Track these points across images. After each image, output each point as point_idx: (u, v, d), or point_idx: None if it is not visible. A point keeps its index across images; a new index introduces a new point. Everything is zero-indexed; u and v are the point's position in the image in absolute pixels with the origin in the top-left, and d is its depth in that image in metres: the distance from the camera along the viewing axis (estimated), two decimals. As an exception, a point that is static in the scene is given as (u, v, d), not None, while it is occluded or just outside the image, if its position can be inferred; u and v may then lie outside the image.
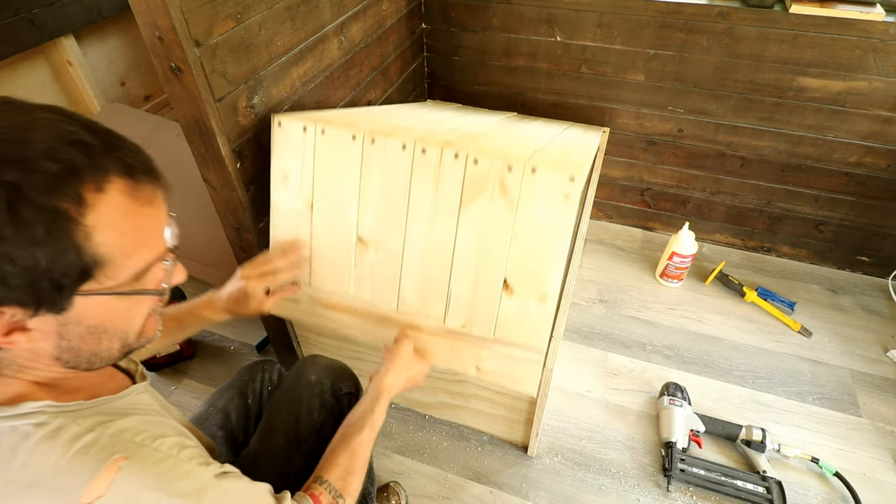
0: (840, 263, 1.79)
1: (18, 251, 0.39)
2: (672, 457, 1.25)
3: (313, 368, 0.93)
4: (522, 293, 0.94)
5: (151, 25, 0.82)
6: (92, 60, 1.94)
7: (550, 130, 1.33)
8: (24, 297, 0.41)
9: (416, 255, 0.99)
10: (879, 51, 1.35)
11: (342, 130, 0.98)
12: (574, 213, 0.87)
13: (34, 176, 0.39)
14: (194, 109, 0.91)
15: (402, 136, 0.95)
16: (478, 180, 0.91)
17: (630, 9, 1.49)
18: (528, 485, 1.25)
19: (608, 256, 1.86)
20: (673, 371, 1.50)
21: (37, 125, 0.41)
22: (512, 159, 0.88)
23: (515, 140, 1.05)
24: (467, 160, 0.90)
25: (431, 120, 1.22)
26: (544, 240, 0.90)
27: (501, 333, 0.97)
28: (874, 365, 1.51)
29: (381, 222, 1.00)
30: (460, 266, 0.97)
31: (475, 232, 0.94)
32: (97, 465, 0.44)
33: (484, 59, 1.74)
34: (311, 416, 0.88)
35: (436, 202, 0.95)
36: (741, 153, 1.66)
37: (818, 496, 1.23)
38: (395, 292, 1.03)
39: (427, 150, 0.91)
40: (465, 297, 0.98)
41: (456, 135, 1.03)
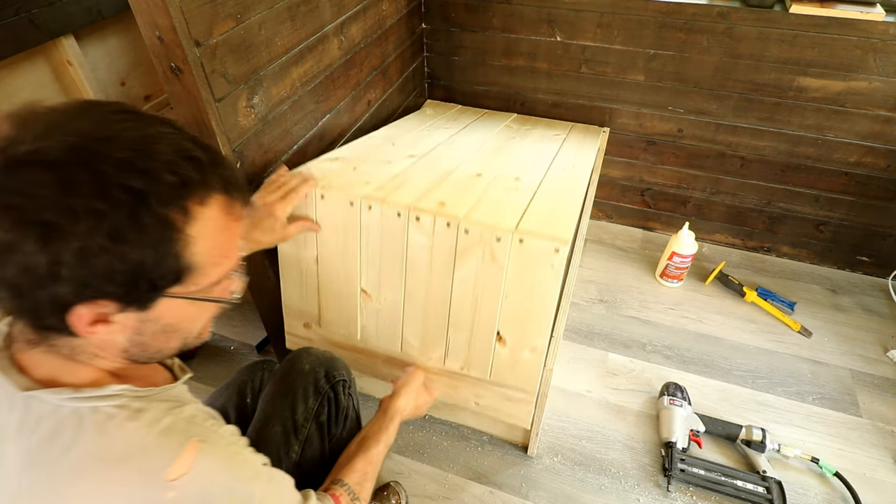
0: (840, 263, 1.79)
1: (132, 252, 0.43)
2: (672, 457, 1.25)
3: (306, 359, 0.93)
4: (514, 344, 1.03)
5: (151, 25, 0.82)
6: (92, 60, 1.94)
7: (545, 158, 1.32)
8: (121, 292, 0.45)
9: (415, 306, 1.07)
10: (879, 51, 1.35)
11: (340, 195, 1.02)
12: (560, 278, 0.93)
13: (157, 186, 0.43)
14: (194, 109, 0.91)
15: (398, 197, 1.00)
16: (469, 247, 0.96)
17: (630, 9, 1.49)
18: (528, 485, 1.25)
19: (608, 256, 1.86)
20: (673, 371, 1.50)
21: (160, 139, 0.44)
22: (500, 230, 0.93)
23: (507, 190, 1.08)
24: (458, 229, 0.95)
25: (428, 154, 1.25)
26: (532, 300, 0.96)
27: (497, 377, 1.07)
28: (874, 365, 1.51)
29: (381, 277, 1.07)
30: (457, 317, 1.04)
31: (469, 289, 1.00)
32: (178, 445, 0.48)
33: (484, 59, 1.74)
34: (306, 403, 0.89)
35: (431, 261, 1.00)
36: (741, 153, 1.66)
37: (818, 496, 1.23)
38: (398, 338, 1.12)
39: (421, 217, 0.96)
40: (462, 345, 1.07)
41: (450, 187, 1.07)
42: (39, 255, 0.40)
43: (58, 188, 0.40)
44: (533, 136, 1.53)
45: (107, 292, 0.44)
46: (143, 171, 0.42)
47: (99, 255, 0.41)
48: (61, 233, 0.40)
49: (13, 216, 0.40)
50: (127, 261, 0.43)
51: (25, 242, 0.40)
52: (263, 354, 1.57)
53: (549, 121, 1.75)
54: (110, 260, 0.42)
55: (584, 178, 1.22)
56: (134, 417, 0.49)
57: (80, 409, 0.47)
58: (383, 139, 1.35)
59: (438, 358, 1.11)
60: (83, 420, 0.47)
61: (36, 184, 0.40)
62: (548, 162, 1.29)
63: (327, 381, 0.92)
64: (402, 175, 1.11)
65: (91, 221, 0.40)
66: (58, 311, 0.44)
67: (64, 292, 0.42)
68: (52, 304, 0.43)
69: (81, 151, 0.41)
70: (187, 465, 0.48)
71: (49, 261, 0.40)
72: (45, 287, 0.42)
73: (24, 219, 0.40)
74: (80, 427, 0.47)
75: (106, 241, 0.41)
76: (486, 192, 1.05)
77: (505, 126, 1.62)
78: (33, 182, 0.40)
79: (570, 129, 1.66)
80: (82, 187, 0.40)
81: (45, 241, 0.40)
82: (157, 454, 0.48)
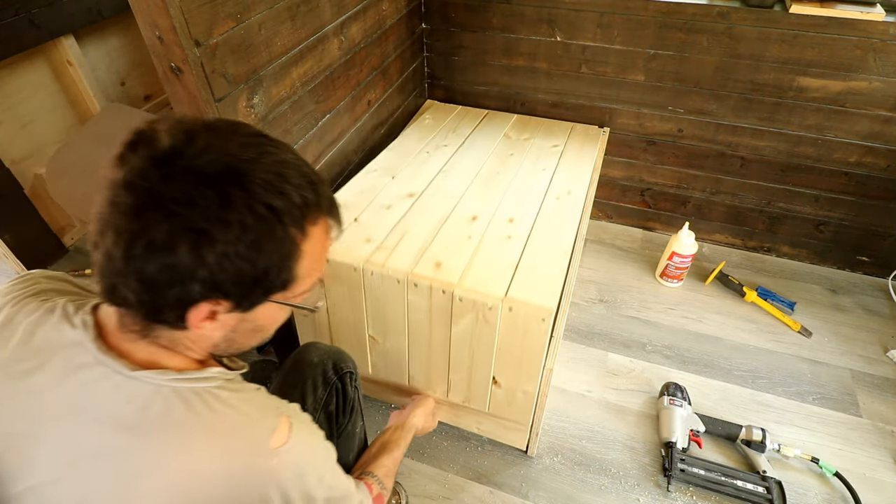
0: (840, 263, 1.79)
1: (262, 261, 0.48)
2: (672, 457, 1.25)
3: (315, 352, 0.97)
4: (508, 387, 1.14)
5: (151, 25, 0.82)
6: (92, 60, 1.94)
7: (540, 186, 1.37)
8: (240, 295, 0.50)
9: (418, 351, 1.18)
10: (879, 51, 1.35)
11: (344, 258, 1.10)
12: (547, 335, 1.01)
13: (290, 206, 0.49)
14: (194, 109, 0.91)
15: (397, 261, 1.09)
16: (463, 311, 1.05)
17: (630, 9, 1.49)
18: (528, 485, 1.25)
19: (608, 256, 1.86)
20: (673, 371, 1.50)
21: (290, 164, 0.50)
22: (490, 299, 1.01)
23: (499, 241, 1.16)
24: (453, 297, 1.04)
25: (427, 190, 1.34)
26: (522, 353, 1.06)
27: (494, 410, 1.21)
28: (874, 365, 1.51)
29: (387, 326, 1.17)
30: (456, 362, 1.15)
31: (466, 341, 1.10)
32: (274, 419, 0.55)
33: (484, 59, 1.74)
34: (316, 392, 0.92)
35: (431, 318, 1.10)
36: (741, 153, 1.66)
37: (818, 496, 1.23)
38: (405, 374, 1.25)
39: (418, 284, 1.04)
40: (462, 384, 1.19)
41: (447, 238, 1.17)
42: (187, 257, 0.45)
43: (217, 202, 0.45)
44: (531, 152, 1.54)
45: (228, 293, 0.49)
46: (281, 192, 0.48)
47: (236, 261, 0.47)
48: (211, 239, 0.45)
49: (173, 221, 0.44)
50: (256, 268, 0.48)
51: (179, 245, 0.44)
52: (263, 354, 1.57)
53: (549, 122, 1.74)
54: (244, 266, 0.48)
55: (577, 208, 1.29)
56: (237, 392, 0.55)
57: (184, 388, 0.52)
58: (384, 169, 1.42)
59: (442, 392, 1.24)
60: (189, 398, 0.52)
61: (197, 196, 0.45)
62: (543, 190, 1.35)
63: (335, 373, 0.95)
64: (402, 225, 1.20)
65: (238, 232, 0.46)
66: (180, 306, 0.48)
67: (194, 290, 0.47)
68: (178, 300, 0.48)
69: (234, 171, 0.46)
70: (285, 436, 0.54)
71: (193, 262, 0.45)
72: (180, 284, 0.46)
73: (183, 224, 0.44)
74: (188, 404, 0.51)
75: (246, 249, 0.47)
76: (479, 247, 1.14)
77: (504, 136, 1.63)
78: (194, 194, 0.45)
79: (570, 134, 1.66)
80: (236, 202, 0.46)
81: (196, 246, 0.45)
82: (261, 425, 0.54)
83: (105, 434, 0.50)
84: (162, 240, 0.44)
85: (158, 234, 0.44)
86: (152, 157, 0.45)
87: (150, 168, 0.45)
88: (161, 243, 0.44)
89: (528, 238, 1.17)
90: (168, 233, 0.44)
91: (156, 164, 0.45)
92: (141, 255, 0.45)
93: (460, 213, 1.25)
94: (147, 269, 0.45)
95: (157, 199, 0.44)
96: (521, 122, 1.74)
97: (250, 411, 0.54)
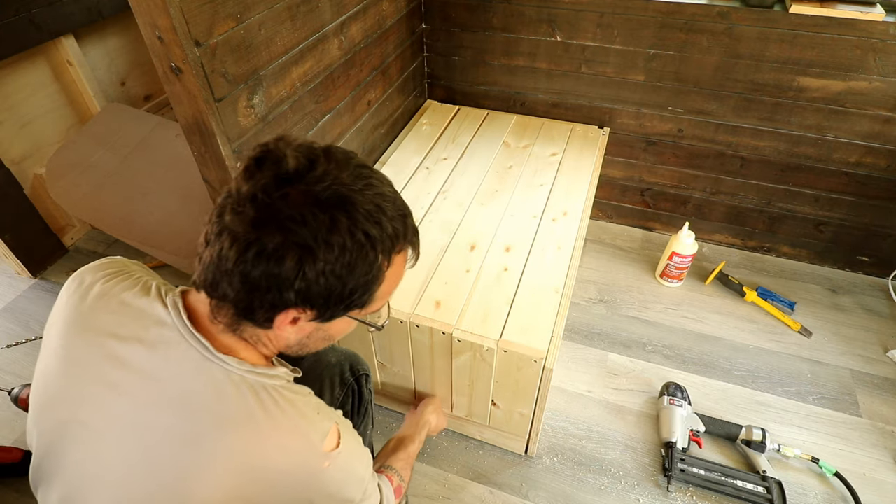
0: (840, 263, 1.79)
1: (351, 281, 0.54)
2: (672, 457, 1.25)
3: (332, 353, 1.00)
4: (506, 409, 1.21)
5: (151, 25, 0.82)
6: (92, 60, 1.94)
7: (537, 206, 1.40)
8: (324, 307, 0.55)
9: (423, 376, 1.25)
10: (879, 51, 1.35)
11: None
12: (539, 374, 1.06)
13: (383, 235, 0.54)
14: (194, 109, 0.91)
15: (399, 301, 1.14)
16: (462, 350, 1.11)
17: (630, 9, 1.49)
18: (528, 485, 1.25)
19: (608, 256, 1.86)
20: (673, 371, 1.50)
21: (388, 198, 0.55)
22: (486, 342, 1.07)
23: (496, 277, 1.21)
24: (452, 338, 1.09)
25: (428, 215, 1.38)
26: (518, 385, 1.12)
27: (494, 424, 1.28)
28: (874, 365, 1.51)
29: (393, 355, 1.25)
30: (458, 387, 1.22)
31: (466, 372, 1.16)
32: (327, 423, 0.60)
33: (484, 59, 1.74)
34: (332, 393, 0.95)
35: (433, 353, 1.16)
36: (741, 153, 1.66)
37: (818, 496, 1.23)
38: (411, 392, 1.33)
39: (420, 325, 1.11)
40: (464, 403, 1.26)
41: (446, 273, 1.22)
42: (291, 269, 0.50)
43: (327, 225, 0.50)
44: (529, 163, 1.56)
45: (315, 305, 0.54)
46: (378, 222, 0.53)
47: (330, 278, 0.52)
48: (315, 257, 0.50)
49: (286, 235, 0.49)
50: (345, 287, 0.54)
51: (287, 257, 0.50)
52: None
53: (549, 124, 1.75)
54: (335, 284, 0.53)
55: (573, 232, 1.32)
56: (298, 394, 0.60)
57: (257, 381, 0.57)
58: None
59: (446, 407, 1.31)
60: (259, 392, 0.56)
61: (310, 217, 0.50)
62: (539, 212, 1.39)
63: (352, 374, 0.98)
64: None
65: (338, 253, 0.51)
66: (272, 309, 0.53)
67: (288, 298, 0.52)
68: (271, 303, 0.53)
69: (344, 199, 0.51)
70: (335, 441, 0.60)
71: (294, 274, 0.50)
72: (277, 291, 0.51)
73: (294, 240, 0.50)
74: (258, 396, 0.56)
75: (341, 269, 0.52)
76: (476, 282, 1.20)
77: (503, 144, 1.64)
78: (308, 215, 0.50)
79: (569, 138, 1.67)
80: (341, 228, 0.51)
81: (300, 260, 0.50)
82: (316, 428, 0.59)
83: (177, 413, 0.54)
84: (273, 250, 0.49)
85: (271, 245, 0.49)
86: (276, 177, 0.51)
87: (274, 186, 0.50)
88: (271, 253, 0.50)
89: (524, 270, 1.23)
90: (280, 245, 0.49)
91: (279, 184, 0.50)
92: (251, 260, 0.50)
93: (459, 242, 1.30)
94: (253, 273, 0.50)
95: (275, 215, 0.50)
96: (520, 125, 1.74)
97: (309, 413, 0.59)
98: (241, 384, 0.56)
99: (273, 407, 0.56)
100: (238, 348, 0.59)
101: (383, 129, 1.63)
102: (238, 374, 0.56)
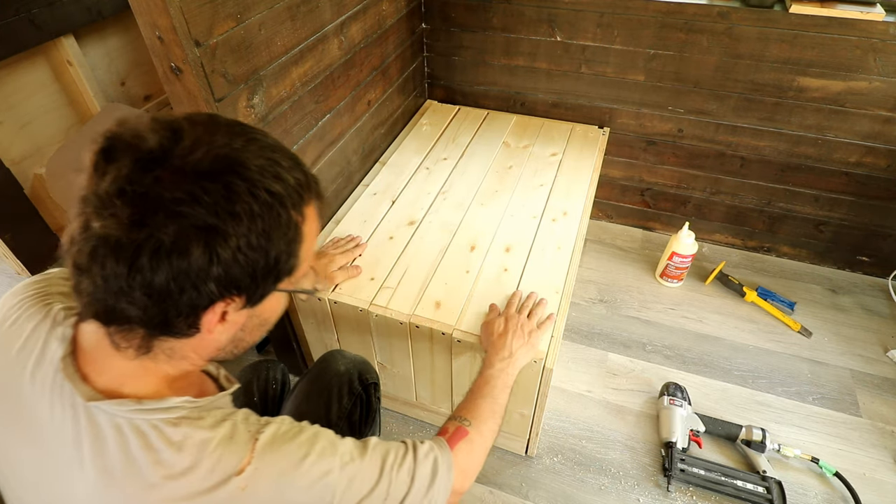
0: (840, 263, 1.79)
1: (273, 249, 0.47)
2: (672, 457, 1.25)
3: (341, 360, 0.97)
4: (507, 409, 1.18)
5: (151, 25, 0.81)
6: (92, 60, 1.94)
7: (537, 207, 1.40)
8: (253, 288, 0.48)
9: (423, 376, 1.25)
10: (879, 51, 1.35)
11: (350, 300, 1.15)
12: (539, 374, 1.05)
13: (288, 189, 0.47)
14: (194, 109, 0.91)
15: (399, 303, 1.14)
16: (462, 350, 1.11)
17: (630, 9, 1.49)
18: (528, 485, 1.25)
19: (608, 256, 1.86)
20: (673, 371, 1.50)
21: (276, 149, 0.49)
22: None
23: (496, 277, 1.21)
24: (452, 339, 1.09)
25: (428, 216, 1.38)
26: (518, 386, 1.07)
27: None
28: (874, 365, 1.51)
29: (393, 357, 1.24)
30: (458, 386, 1.21)
31: (465, 372, 1.16)
32: (242, 446, 0.50)
33: (484, 59, 1.74)
34: (341, 402, 0.93)
35: (433, 353, 1.16)
36: (741, 153, 1.66)
37: (818, 496, 1.23)
38: (413, 393, 1.32)
39: (420, 326, 1.11)
40: None
41: (446, 272, 1.22)
42: (201, 258, 0.43)
43: (223, 194, 0.43)
44: (529, 163, 1.56)
45: (242, 287, 0.47)
46: (277, 176, 0.47)
47: (249, 252, 0.45)
48: (224, 234, 0.43)
49: (180, 222, 0.42)
50: (268, 257, 0.47)
51: (190, 245, 0.42)
52: (263, 354, 1.57)
53: (549, 124, 1.75)
54: (257, 257, 0.46)
55: (573, 232, 1.32)
56: (199, 426, 0.50)
57: (144, 421, 0.49)
58: (384, 192, 1.46)
59: (447, 407, 1.30)
60: (148, 434, 0.48)
61: (200, 192, 0.42)
62: (539, 212, 1.38)
63: (360, 383, 0.96)
64: (404, 259, 1.25)
65: (248, 222, 0.44)
66: (193, 312, 0.46)
67: (208, 291, 0.45)
68: (191, 306, 0.45)
69: (231, 161, 0.45)
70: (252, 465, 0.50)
71: (208, 261, 0.43)
72: (194, 288, 0.44)
73: (192, 223, 0.42)
74: (146, 441, 0.48)
75: (257, 239, 0.45)
76: (476, 282, 1.19)
77: (503, 144, 1.64)
78: (197, 191, 0.42)
79: (569, 138, 1.67)
80: (241, 192, 0.44)
81: (208, 243, 0.43)
82: (225, 458, 0.49)
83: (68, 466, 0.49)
84: (171, 244, 0.42)
85: (167, 239, 0.41)
86: (138, 161, 0.42)
87: (140, 172, 0.42)
88: (171, 248, 0.42)
89: (524, 270, 1.22)
90: (177, 235, 0.42)
91: (145, 167, 0.42)
92: (149, 265, 0.42)
93: (459, 242, 1.30)
94: (157, 280, 0.42)
95: (157, 203, 0.41)
96: (520, 125, 1.74)
97: (211, 443, 0.50)
98: (123, 428, 0.48)
99: (165, 448, 0.47)
100: (124, 380, 0.50)
101: (383, 130, 1.63)
102: (122, 417, 0.48)
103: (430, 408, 1.34)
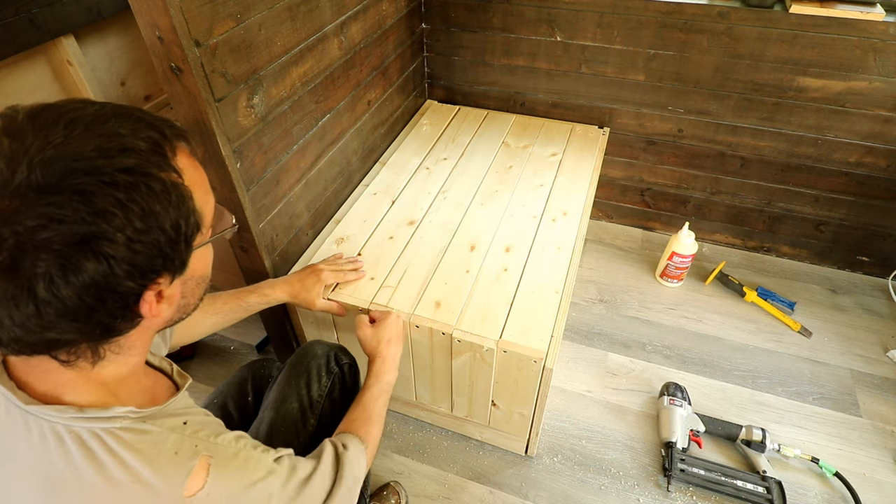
0: (840, 263, 1.79)
1: (164, 221, 0.45)
2: (672, 457, 1.25)
3: (319, 346, 1.01)
4: (506, 409, 1.21)
5: (151, 25, 0.82)
6: (92, 60, 1.94)
7: (537, 208, 1.39)
8: (170, 262, 0.47)
9: (423, 376, 1.25)
10: (879, 51, 1.35)
11: (351, 300, 1.15)
12: (539, 374, 1.06)
13: (142, 155, 0.43)
14: (194, 109, 0.91)
15: (399, 301, 1.14)
16: (462, 350, 1.11)
17: (630, 9, 1.49)
18: (528, 485, 1.25)
19: (608, 256, 1.86)
20: (673, 371, 1.50)
21: (103, 120, 0.44)
22: (486, 342, 1.06)
23: (496, 277, 1.20)
24: (452, 339, 1.09)
25: (427, 216, 1.38)
26: (518, 385, 1.12)
27: (494, 425, 1.28)
28: (874, 365, 1.51)
29: None
30: (458, 387, 1.21)
31: (465, 372, 1.16)
32: (188, 462, 0.50)
33: (484, 59, 1.74)
34: (320, 380, 0.96)
35: (433, 353, 1.16)
36: (741, 153, 1.66)
37: (818, 496, 1.23)
38: (412, 393, 1.32)
39: (420, 325, 1.11)
40: (465, 404, 1.26)
41: (446, 272, 1.21)
42: (98, 266, 0.41)
43: (78, 200, 0.40)
44: (529, 163, 1.56)
45: (160, 268, 0.46)
46: (123, 148, 0.43)
47: (142, 237, 0.43)
48: (104, 235, 0.41)
49: (53, 248, 0.39)
50: (164, 231, 0.45)
51: (80, 261, 0.40)
52: (263, 354, 1.57)
53: (549, 124, 1.75)
54: (153, 237, 0.44)
55: (573, 232, 1.32)
56: (142, 439, 0.49)
57: (84, 429, 0.47)
58: (384, 192, 1.46)
59: (447, 408, 1.30)
60: (89, 443, 0.47)
61: (53, 209, 0.39)
62: (539, 212, 1.38)
63: (337, 363, 0.99)
64: (404, 259, 1.25)
65: (122, 213, 0.41)
66: (127, 309, 0.46)
67: (129, 287, 0.44)
68: (122, 306, 0.45)
69: (61, 162, 0.40)
70: (201, 481, 0.49)
71: (107, 266, 0.41)
72: (111, 292, 0.43)
73: (66, 243, 0.39)
74: (87, 450, 0.47)
75: (142, 222, 0.43)
76: (476, 282, 1.19)
77: (503, 144, 1.64)
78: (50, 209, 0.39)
79: (569, 138, 1.67)
80: (96, 188, 0.40)
81: (96, 251, 0.41)
82: (169, 474, 0.48)
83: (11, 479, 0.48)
84: (59, 271, 0.39)
85: (51, 269, 0.39)
86: None
87: None
88: (61, 274, 0.40)
89: (524, 270, 1.22)
90: (59, 260, 0.39)
91: None
92: (53, 297, 0.40)
93: (459, 242, 1.30)
94: (70, 304, 0.41)
95: (18, 240, 0.38)
96: (520, 125, 1.74)
97: (159, 457, 0.48)
98: (71, 440, 0.47)
99: (107, 461, 0.46)
100: (64, 388, 0.49)
101: (383, 130, 1.63)
102: (62, 424, 0.47)
103: (430, 407, 1.33)
